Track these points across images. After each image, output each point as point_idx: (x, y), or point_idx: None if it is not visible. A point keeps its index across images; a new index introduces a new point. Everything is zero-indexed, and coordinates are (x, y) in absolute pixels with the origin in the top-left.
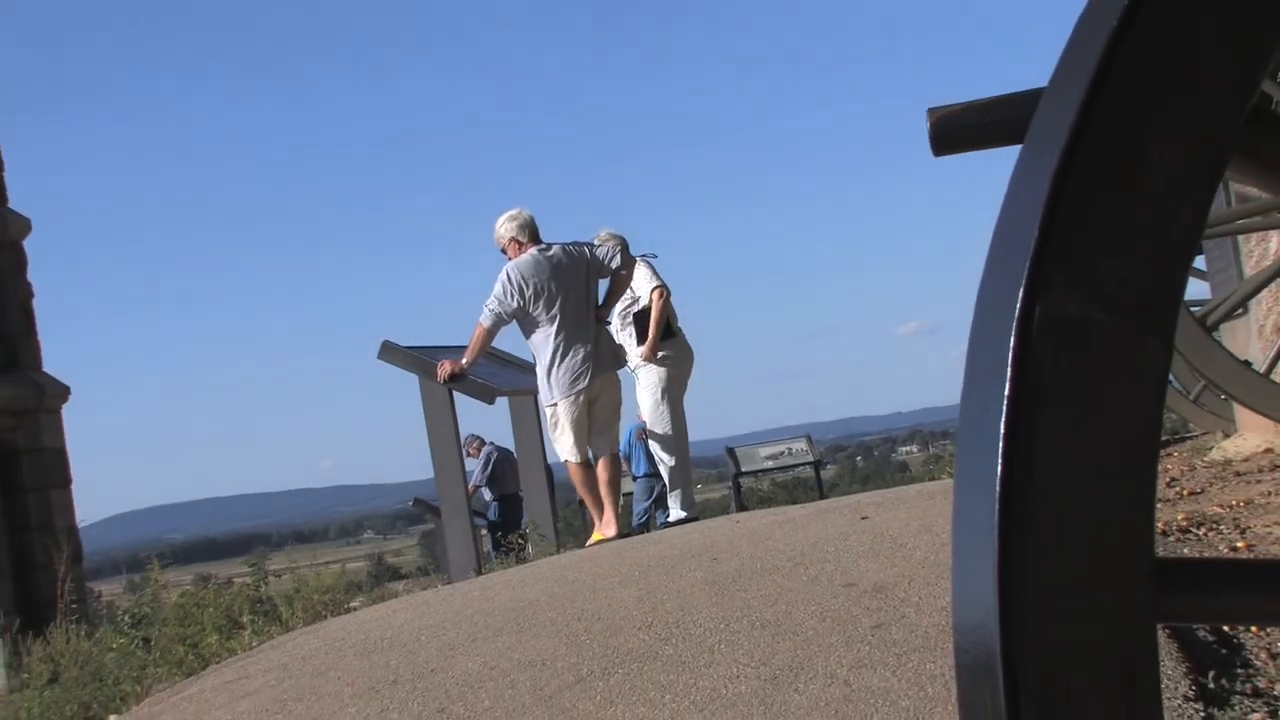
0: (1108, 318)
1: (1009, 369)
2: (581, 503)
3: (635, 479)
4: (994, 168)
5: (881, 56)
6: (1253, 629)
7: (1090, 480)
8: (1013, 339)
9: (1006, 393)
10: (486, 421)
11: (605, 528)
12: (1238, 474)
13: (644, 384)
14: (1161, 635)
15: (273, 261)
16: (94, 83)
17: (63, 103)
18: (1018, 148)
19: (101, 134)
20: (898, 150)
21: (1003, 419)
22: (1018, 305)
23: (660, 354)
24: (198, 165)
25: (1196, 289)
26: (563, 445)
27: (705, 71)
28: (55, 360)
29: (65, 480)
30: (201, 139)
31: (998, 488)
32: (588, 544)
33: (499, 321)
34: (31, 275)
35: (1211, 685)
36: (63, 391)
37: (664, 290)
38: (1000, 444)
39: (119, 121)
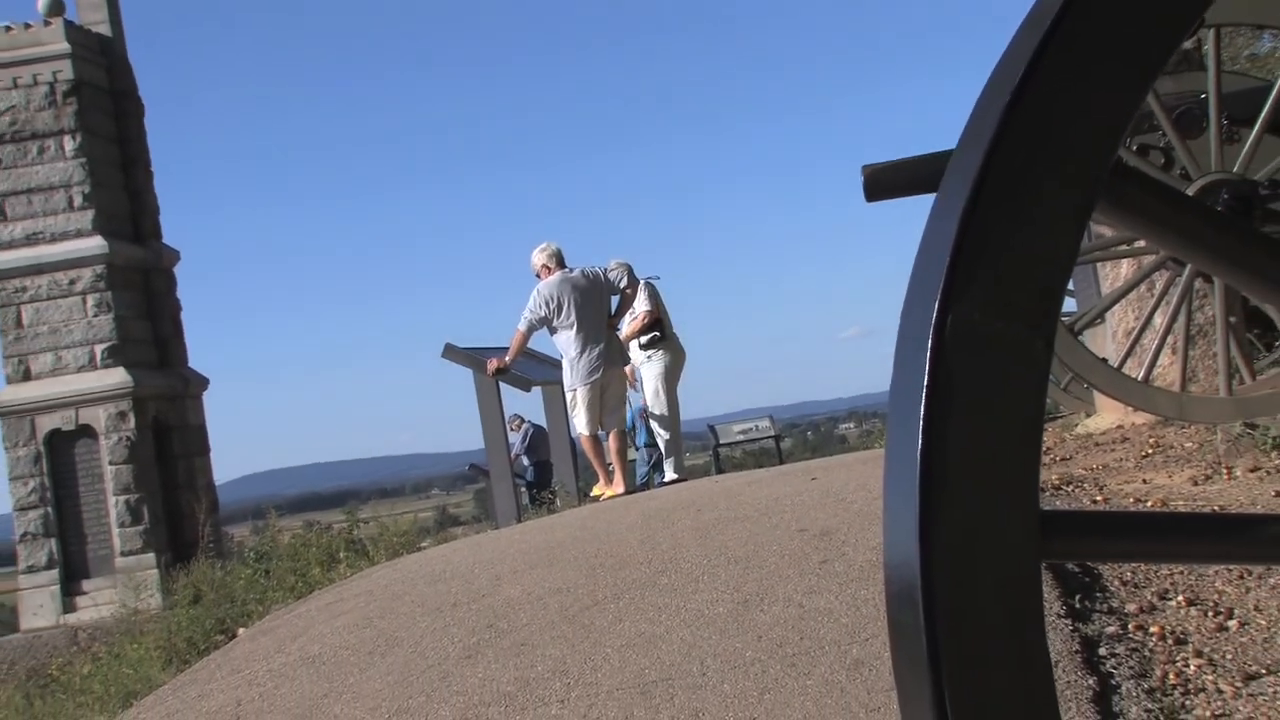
0: (1004, 325)
1: (927, 364)
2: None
3: (638, 449)
4: (915, 210)
5: (858, 105)
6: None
7: (990, 449)
8: (930, 340)
9: (925, 382)
10: (525, 404)
11: (615, 486)
12: (1097, 444)
13: (646, 375)
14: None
15: (361, 279)
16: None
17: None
18: (933, 195)
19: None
20: (838, 196)
21: (922, 402)
22: (934, 315)
23: (659, 352)
24: (311, 180)
25: (1066, 304)
26: (579, 421)
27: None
28: (198, 357)
29: (205, 450)
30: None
31: (918, 455)
32: (590, 496)
33: (531, 328)
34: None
35: (1078, 605)
36: (203, 382)
37: (649, 313)
38: (921, 422)
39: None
